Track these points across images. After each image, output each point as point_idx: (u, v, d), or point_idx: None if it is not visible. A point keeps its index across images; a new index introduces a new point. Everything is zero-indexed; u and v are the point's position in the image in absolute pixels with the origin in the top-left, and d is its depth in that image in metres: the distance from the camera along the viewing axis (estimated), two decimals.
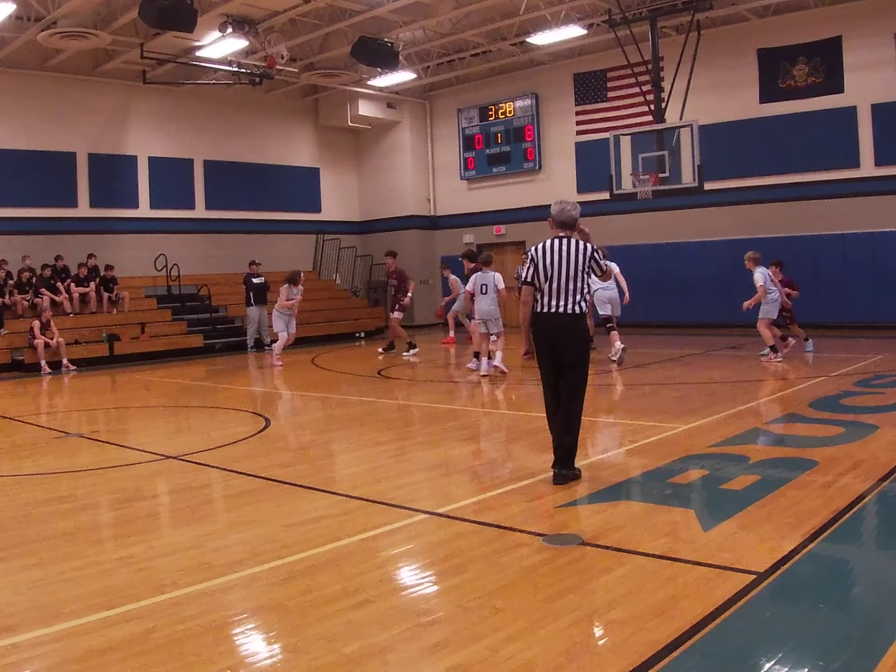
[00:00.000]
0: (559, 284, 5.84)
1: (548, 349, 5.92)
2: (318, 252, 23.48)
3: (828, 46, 16.92)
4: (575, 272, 5.86)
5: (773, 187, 17.62)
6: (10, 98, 17.79)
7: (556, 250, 5.90)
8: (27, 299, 16.70)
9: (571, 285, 5.85)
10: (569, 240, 5.96)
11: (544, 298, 5.90)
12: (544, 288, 5.89)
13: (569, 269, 5.85)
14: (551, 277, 5.86)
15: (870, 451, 6.36)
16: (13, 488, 6.42)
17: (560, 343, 5.86)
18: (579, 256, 5.88)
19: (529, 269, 5.96)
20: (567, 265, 5.85)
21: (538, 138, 21.49)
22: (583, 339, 5.97)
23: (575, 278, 5.86)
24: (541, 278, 5.90)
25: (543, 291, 5.90)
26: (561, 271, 5.84)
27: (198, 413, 10.58)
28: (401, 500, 5.54)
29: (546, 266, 5.88)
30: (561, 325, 5.86)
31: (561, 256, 5.87)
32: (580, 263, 5.87)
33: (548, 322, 5.89)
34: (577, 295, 5.86)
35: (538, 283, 5.91)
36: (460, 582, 4.03)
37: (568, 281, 5.84)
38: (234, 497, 5.96)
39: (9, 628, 3.62)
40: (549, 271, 5.86)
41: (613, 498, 5.48)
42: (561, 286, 5.85)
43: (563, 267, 5.85)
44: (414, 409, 10.04)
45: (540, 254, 5.95)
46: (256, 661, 3.31)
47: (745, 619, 3.49)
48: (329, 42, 19.00)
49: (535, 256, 5.96)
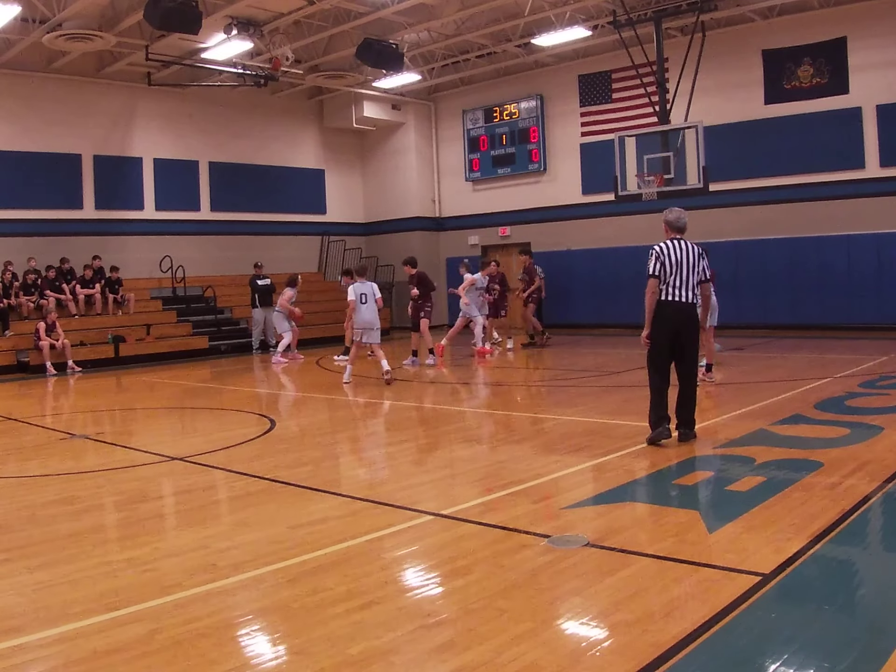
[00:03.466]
0: (682, 278, 6.84)
1: (670, 332, 6.85)
2: (323, 253, 23.51)
3: (833, 47, 16.88)
4: (693, 268, 6.89)
5: (778, 188, 17.59)
6: (16, 100, 17.84)
7: (677, 249, 6.90)
8: (32, 301, 16.75)
9: (692, 279, 6.87)
10: (685, 241, 7.01)
11: (669, 289, 6.83)
12: (669, 280, 6.83)
13: (688, 264, 6.88)
14: (675, 272, 6.83)
15: (875, 453, 6.35)
16: (19, 490, 6.43)
17: (683, 327, 6.86)
18: (694, 256, 6.93)
19: (656, 265, 6.86)
20: (687, 261, 6.87)
21: (543, 139, 21.48)
22: (698, 324, 7.03)
23: (694, 273, 6.89)
24: (666, 271, 6.84)
25: (668, 283, 6.83)
26: (682, 266, 6.85)
27: (203, 414, 10.59)
28: (406, 502, 5.54)
29: (671, 262, 6.84)
30: (685, 312, 6.87)
31: (680, 254, 6.88)
32: (696, 261, 6.92)
33: (674, 309, 6.82)
34: (695, 287, 6.91)
35: (664, 275, 6.84)
36: (465, 583, 4.02)
37: (689, 275, 6.86)
38: (240, 498, 5.96)
39: (14, 629, 3.63)
40: (673, 266, 6.84)
41: (619, 499, 5.47)
42: (683, 279, 6.83)
43: (683, 263, 6.86)
44: (419, 411, 10.04)
45: (666, 251, 6.89)
46: (261, 663, 3.31)
47: (750, 620, 3.48)
48: (334, 44, 19.01)
49: (661, 254, 6.88)
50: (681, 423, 6.98)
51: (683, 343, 6.89)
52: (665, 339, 6.88)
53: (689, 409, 6.97)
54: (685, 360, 6.97)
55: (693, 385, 7.01)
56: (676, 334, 6.85)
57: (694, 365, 7.07)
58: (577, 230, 20.76)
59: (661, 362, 6.96)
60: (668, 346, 6.90)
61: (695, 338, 6.99)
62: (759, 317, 17.45)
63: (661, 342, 6.90)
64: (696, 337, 7.02)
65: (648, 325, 6.96)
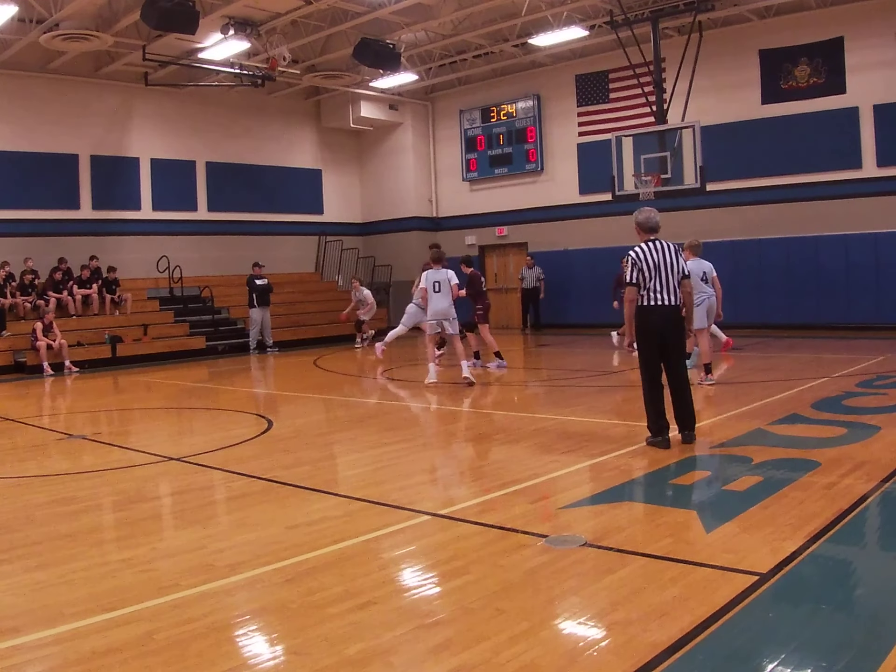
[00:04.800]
0: (662, 281, 6.73)
1: (656, 337, 6.78)
2: (320, 254, 23.50)
3: (829, 47, 16.90)
4: (672, 268, 6.78)
5: (775, 188, 17.61)
6: (13, 100, 17.81)
7: (653, 251, 6.78)
8: (29, 301, 16.72)
9: (672, 280, 6.76)
10: (661, 241, 6.87)
11: (651, 294, 6.74)
12: (649, 285, 6.72)
13: (667, 265, 6.76)
14: (654, 275, 6.71)
15: (872, 452, 6.35)
16: (16, 490, 6.42)
17: (668, 331, 6.80)
18: (672, 255, 6.81)
19: (633, 272, 6.75)
20: (666, 263, 6.76)
21: (540, 139, 21.49)
22: (683, 326, 6.96)
23: (673, 273, 6.78)
24: (645, 276, 6.73)
25: (649, 288, 6.73)
26: (660, 269, 6.73)
27: (200, 415, 10.59)
28: (403, 502, 5.54)
29: (649, 266, 6.72)
30: (669, 316, 6.79)
31: (658, 256, 6.75)
32: (675, 260, 6.80)
33: (658, 314, 6.75)
34: (676, 288, 6.81)
35: (643, 281, 6.73)
36: (463, 583, 4.02)
37: (668, 276, 6.75)
38: (237, 499, 5.96)
39: (11, 630, 3.62)
40: (652, 270, 6.71)
41: (616, 499, 5.47)
42: (663, 282, 6.73)
43: (661, 265, 6.74)
44: (416, 411, 10.04)
45: (643, 256, 6.76)
46: (259, 663, 3.31)
47: (747, 620, 3.48)
48: (331, 44, 19.00)
49: (638, 259, 6.75)
50: (682, 426, 6.94)
51: (670, 346, 6.85)
52: (652, 344, 6.84)
53: (688, 410, 6.92)
54: (674, 363, 6.91)
55: (686, 386, 6.96)
56: (663, 339, 6.82)
57: (683, 366, 7.05)
58: (575, 230, 20.77)
59: (652, 368, 6.92)
60: (656, 352, 6.86)
61: (681, 339, 6.98)
62: (755, 316, 17.46)
63: (649, 348, 6.87)
64: (683, 338, 7.02)
65: (630, 334, 6.96)
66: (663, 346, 6.83)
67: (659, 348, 6.83)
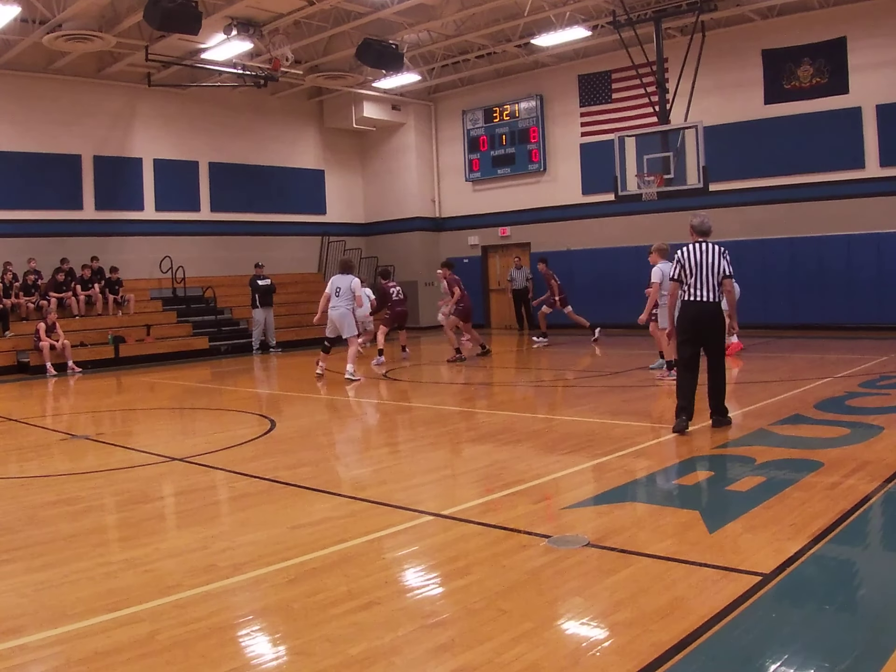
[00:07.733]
0: (702, 279, 7.29)
1: (693, 329, 7.37)
2: (323, 254, 23.51)
3: (832, 47, 16.89)
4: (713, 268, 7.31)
5: (777, 188, 17.60)
6: (16, 100, 17.85)
7: (697, 252, 7.38)
8: (32, 301, 16.75)
9: (712, 279, 7.30)
10: (708, 243, 7.46)
11: (691, 290, 7.34)
12: (690, 281, 7.33)
13: (709, 265, 7.32)
14: (696, 273, 7.30)
15: (875, 453, 6.35)
16: (19, 490, 6.43)
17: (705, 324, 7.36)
18: (714, 256, 7.35)
19: (676, 268, 7.44)
20: (708, 263, 7.32)
21: (543, 140, 21.49)
22: (720, 320, 7.48)
23: (714, 273, 7.31)
24: (686, 274, 7.36)
25: (690, 284, 7.33)
26: (701, 268, 7.31)
27: (203, 415, 10.59)
28: (406, 502, 5.54)
29: (691, 264, 7.34)
30: (706, 310, 7.33)
31: (701, 257, 7.34)
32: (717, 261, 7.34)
33: (697, 308, 7.33)
34: (717, 286, 7.33)
35: (684, 277, 7.37)
36: (466, 584, 4.02)
37: (709, 275, 7.30)
38: (240, 499, 5.96)
39: (15, 630, 3.62)
40: (693, 268, 7.32)
41: (619, 499, 5.47)
42: (703, 280, 7.30)
43: (703, 264, 7.32)
44: (419, 411, 10.03)
45: (686, 255, 7.40)
46: (262, 663, 3.31)
47: (750, 620, 3.48)
48: (334, 44, 19.02)
49: (682, 258, 7.40)
50: (714, 412, 7.56)
51: (707, 338, 7.42)
52: (690, 335, 7.41)
53: (719, 398, 7.51)
54: (711, 354, 7.52)
55: (721, 376, 7.54)
56: (699, 331, 7.37)
57: (720, 358, 7.60)
58: (577, 230, 20.77)
59: (688, 357, 7.45)
60: (693, 342, 7.42)
61: (719, 333, 7.51)
62: (759, 317, 17.41)
63: (686, 339, 7.44)
64: (721, 332, 7.54)
65: (670, 322, 7.83)
66: (701, 338, 7.41)
67: (696, 340, 7.40)
